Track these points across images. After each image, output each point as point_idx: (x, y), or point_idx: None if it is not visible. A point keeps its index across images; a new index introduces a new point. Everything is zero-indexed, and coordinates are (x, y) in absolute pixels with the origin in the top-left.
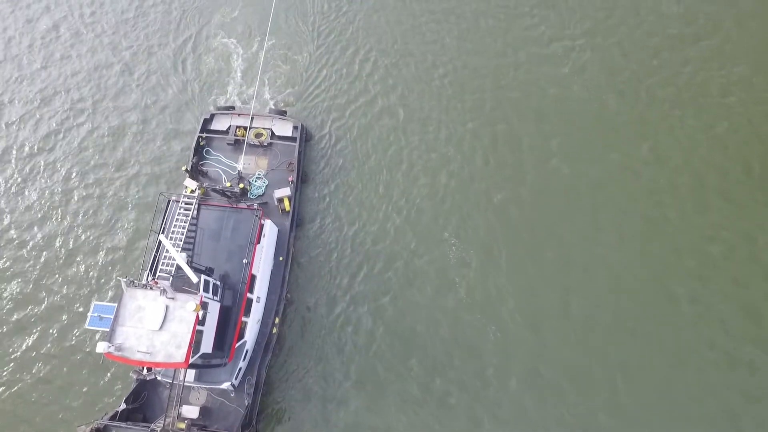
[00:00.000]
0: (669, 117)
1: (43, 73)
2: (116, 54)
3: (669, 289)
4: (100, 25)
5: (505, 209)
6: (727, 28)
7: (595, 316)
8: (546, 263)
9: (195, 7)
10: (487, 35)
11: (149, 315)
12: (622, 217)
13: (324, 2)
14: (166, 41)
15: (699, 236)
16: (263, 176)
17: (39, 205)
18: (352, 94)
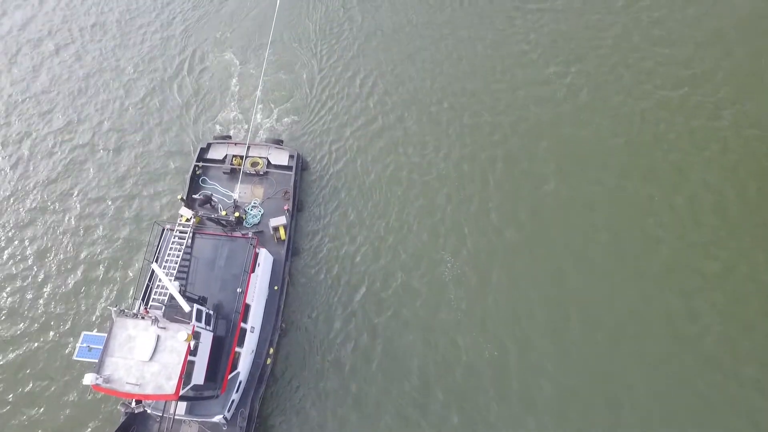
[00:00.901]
0: (662, 140)
1: (45, 95)
2: (119, 77)
3: (667, 306)
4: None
5: (503, 230)
6: (716, 55)
7: (593, 335)
8: (542, 283)
9: (195, 37)
10: (485, 60)
11: (139, 345)
12: (618, 238)
13: (322, 35)
14: (166, 67)
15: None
16: (259, 205)
17: (33, 234)
18: (349, 122)
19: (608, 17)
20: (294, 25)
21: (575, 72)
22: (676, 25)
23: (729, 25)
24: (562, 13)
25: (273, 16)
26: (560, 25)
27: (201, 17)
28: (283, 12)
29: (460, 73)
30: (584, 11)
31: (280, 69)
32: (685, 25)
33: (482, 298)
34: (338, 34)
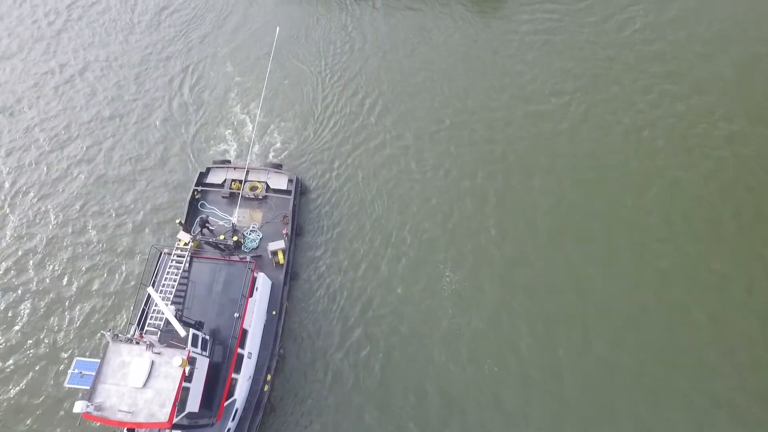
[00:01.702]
0: (667, 165)
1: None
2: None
3: (666, 320)
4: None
5: (502, 246)
6: (716, 83)
7: (592, 350)
8: (541, 297)
9: (195, 59)
10: (483, 81)
11: (133, 371)
12: (616, 254)
13: (322, 57)
14: (165, 91)
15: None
16: (258, 229)
17: (31, 254)
18: (349, 143)
19: (604, 41)
20: (294, 48)
21: (573, 92)
22: (669, 47)
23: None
24: (560, 36)
25: (273, 41)
26: (557, 48)
27: (203, 38)
28: (284, 35)
29: (460, 93)
30: (581, 34)
31: (280, 93)
32: (679, 47)
33: (481, 312)
34: (339, 56)
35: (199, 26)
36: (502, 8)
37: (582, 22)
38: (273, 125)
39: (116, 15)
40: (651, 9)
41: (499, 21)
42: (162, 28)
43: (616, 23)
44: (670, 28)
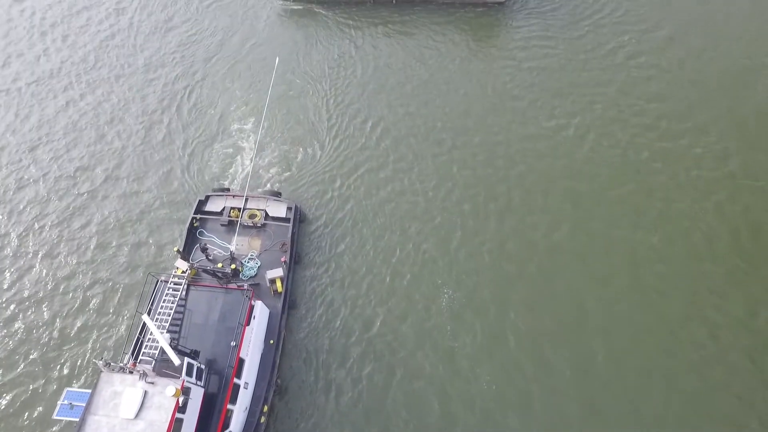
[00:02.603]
0: (666, 187)
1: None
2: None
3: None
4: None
5: (502, 265)
6: (710, 109)
7: (590, 369)
8: (542, 318)
9: (197, 91)
10: (486, 107)
11: (125, 402)
12: (615, 276)
13: (323, 83)
14: (163, 115)
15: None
16: (256, 257)
17: (28, 282)
18: (348, 170)
19: (599, 68)
20: (293, 75)
21: (571, 117)
22: (670, 78)
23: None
24: (556, 64)
25: (273, 70)
26: (553, 75)
27: (206, 60)
28: (284, 61)
29: (460, 117)
30: (577, 62)
31: (279, 120)
32: (671, 72)
33: (481, 330)
34: (337, 82)
35: (200, 57)
36: (497, 37)
37: (577, 50)
38: (272, 152)
39: (120, 42)
40: (643, 39)
41: (494, 49)
42: (160, 59)
43: (610, 51)
44: (662, 56)
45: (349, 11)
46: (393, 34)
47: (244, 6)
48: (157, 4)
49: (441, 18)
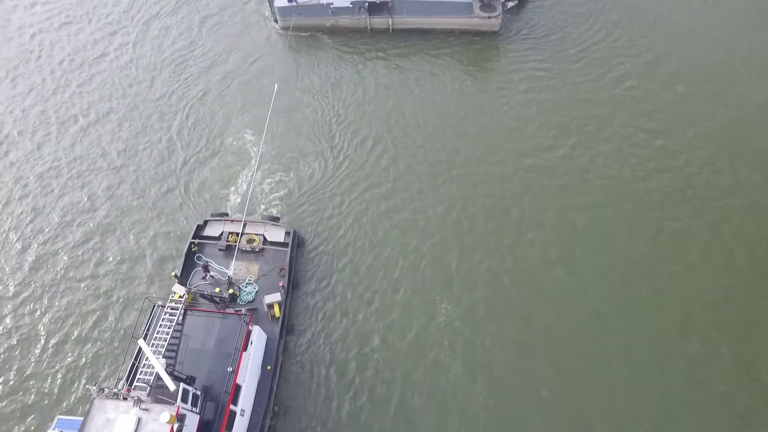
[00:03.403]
0: (669, 212)
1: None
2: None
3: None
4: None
5: (502, 281)
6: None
7: (589, 388)
8: (542, 339)
9: (198, 116)
10: (486, 133)
11: (118, 429)
12: (612, 296)
13: (323, 107)
14: (161, 138)
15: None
16: (254, 282)
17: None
18: (347, 193)
19: (597, 97)
20: (292, 101)
21: (571, 145)
22: (659, 100)
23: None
24: (554, 94)
25: (272, 95)
26: (552, 104)
27: (204, 84)
28: (283, 86)
29: (461, 143)
30: (575, 92)
31: (277, 144)
32: (668, 100)
33: (478, 348)
34: (336, 108)
35: (201, 80)
36: (493, 62)
37: (570, 74)
38: (270, 176)
39: (135, 73)
40: (635, 63)
41: (490, 74)
42: (162, 84)
43: (608, 80)
44: (654, 79)
45: (348, 39)
46: (391, 60)
47: (244, 33)
48: (159, 28)
49: (437, 46)
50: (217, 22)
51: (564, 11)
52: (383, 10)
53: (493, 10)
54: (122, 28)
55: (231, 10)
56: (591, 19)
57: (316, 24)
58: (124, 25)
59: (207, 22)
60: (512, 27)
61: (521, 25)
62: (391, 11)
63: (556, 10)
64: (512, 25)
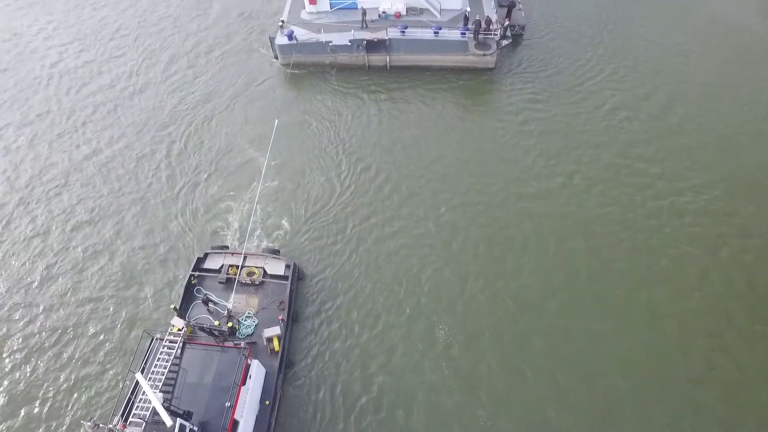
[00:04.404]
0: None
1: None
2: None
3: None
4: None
5: (501, 308)
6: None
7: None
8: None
9: (197, 143)
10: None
11: None
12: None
13: (324, 136)
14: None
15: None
16: (253, 315)
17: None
18: (348, 224)
19: (595, 130)
20: (292, 136)
21: (571, 176)
22: (656, 132)
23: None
24: (551, 129)
25: (272, 132)
26: (548, 138)
27: (207, 119)
28: (283, 120)
29: (461, 176)
30: (572, 126)
31: (277, 178)
32: (666, 132)
33: (481, 380)
34: (337, 140)
35: (201, 111)
36: (490, 97)
37: (568, 109)
38: (270, 209)
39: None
40: (634, 97)
41: (487, 109)
42: (160, 116)
43: (604, 112)
44: (654, 116)
45: (347, 75)
46: (390, 94)
47: (245, 66)
48: (162, 57)
49: (434, 82)
50: (210, 60)
51: (558, 47)
52: (381, 48)
53: (488, 48)
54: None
55: (230, 47)
56: (588, 54)
57: (316, 61)
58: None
59: (196, 64)
60: (508, 63)
61: (517, 61)
62: (388, 49)
63: (550, 46)
64: (508, 62)
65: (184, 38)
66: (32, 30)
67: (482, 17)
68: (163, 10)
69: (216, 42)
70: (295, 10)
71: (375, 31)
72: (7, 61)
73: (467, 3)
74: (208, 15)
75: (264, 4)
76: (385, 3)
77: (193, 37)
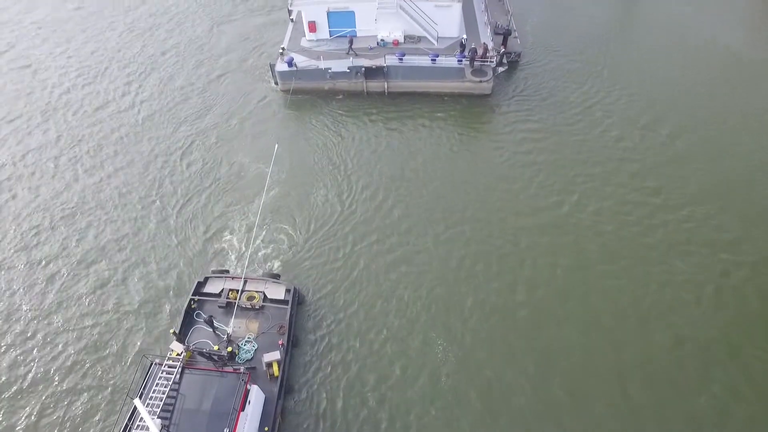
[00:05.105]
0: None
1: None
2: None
3: None
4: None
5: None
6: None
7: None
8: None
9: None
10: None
11: None
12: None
13: (324, 159)
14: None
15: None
16: (253, 340)
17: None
18: (346, 251)
19: (593, 157)
20: (292, 161)
21: (570, 203)
22: (665, 161)
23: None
24: (549, 155)
25: (273, 155)
26: (546, 164)
27: (209, 142)
28: (283, 145)
29: (460, 197)
30: (570, 151)
31: (277, 200)
32: (660, 156)
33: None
34: (338, 163)
35: (201, 136)
36: (488, 123)
37: (565, 134)
38: (270, 232)
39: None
40: (635, 127)
41: (484, 134)
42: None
43: (606, 139)
44: (657, 142)
45: (346, 101)
46: (389, 120)
47: (247, 91)
48: (166, 84)
49: (433, 107)
50: (213, 84)
51: (554, 73)
52: (379, 75)
53: (484, 75)
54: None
55: (235, 73)
56: (584, 79)
57: (315, 87)
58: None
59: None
60: (505, 89)
61: (513, 87)
62: (386, 76)
63: (546, 73)
64: (505, 88)
65: (193, 65)
66: (48, 57)
67: (478, 45)
68: (175, 38)
69: (220, 67)
70: (295, 37)
71: (373, 58)
72: (19, 88)
73: (464, 31)
74: (214, 44)
75: (268, 32)
76: (384, 31)
77: (200, 63)
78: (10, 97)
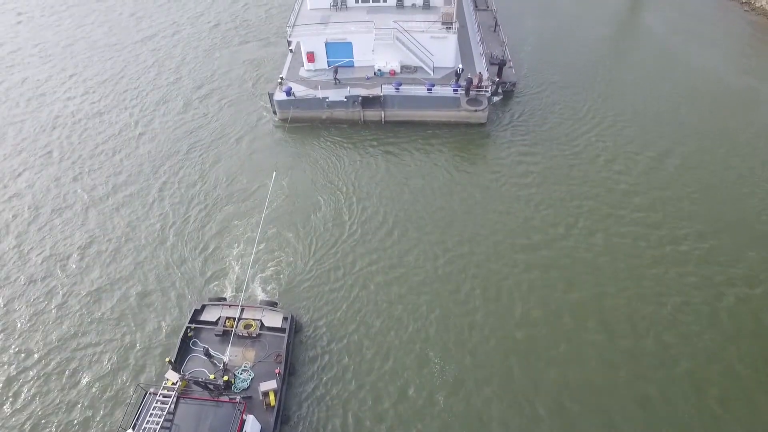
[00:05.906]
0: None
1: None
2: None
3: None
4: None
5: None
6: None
7: None
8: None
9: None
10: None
11: None
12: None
13: (322, 188)
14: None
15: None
16: (249, 369)
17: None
18: (343, 277)
19: (592, 181)
20: (290, 186)
21: (568, 228)
22: (659, 184)
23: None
24: (547, 179)
25: (271, 181)
26: (544, 191)
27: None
28: (281, 172)
29: (457, 223)
30: (568, 176)
31: (276, 227)
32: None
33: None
34: (335, 191)
35: (201, 165)
36: (485, 155)
37: (561, 161)
38: (267, 261)
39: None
40: (628, 152)
41: (481, 162)
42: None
43: (600, 164)
44: (654, 165)
45: (344, 130)
46: (387, 148)
47: (246, 117)
48: (168, 106)
49: (429, 135)
50: (214, 107)
51: (549, 101)
52: (376, 104)
53: (479, 104)
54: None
55: (235, 98)
56: (579, 106)
57: (313, 116)
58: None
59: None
60: (500, 118)
61: (509, 116)
62: (383, 105)
63: (541, 101)
64: (500, 117)
65: (193, 88)
66: (52, 81)
67: (474, 75)
68: (178, 60)
69: (221, 92)
70: (294, 67)
71: (370, 87)
72: (24, 111)
73: (459, 61)
74: (215, 70)
75: (267, 59)
76: (381, 61)
77: (200, 87)
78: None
